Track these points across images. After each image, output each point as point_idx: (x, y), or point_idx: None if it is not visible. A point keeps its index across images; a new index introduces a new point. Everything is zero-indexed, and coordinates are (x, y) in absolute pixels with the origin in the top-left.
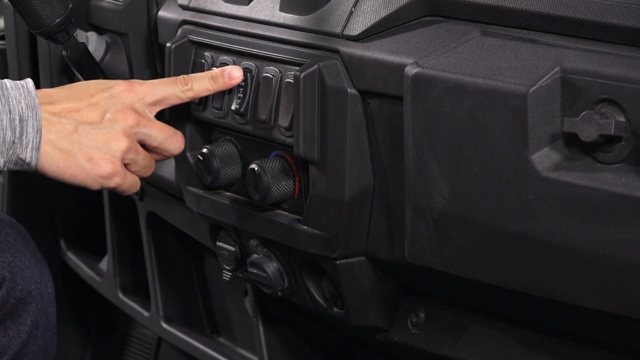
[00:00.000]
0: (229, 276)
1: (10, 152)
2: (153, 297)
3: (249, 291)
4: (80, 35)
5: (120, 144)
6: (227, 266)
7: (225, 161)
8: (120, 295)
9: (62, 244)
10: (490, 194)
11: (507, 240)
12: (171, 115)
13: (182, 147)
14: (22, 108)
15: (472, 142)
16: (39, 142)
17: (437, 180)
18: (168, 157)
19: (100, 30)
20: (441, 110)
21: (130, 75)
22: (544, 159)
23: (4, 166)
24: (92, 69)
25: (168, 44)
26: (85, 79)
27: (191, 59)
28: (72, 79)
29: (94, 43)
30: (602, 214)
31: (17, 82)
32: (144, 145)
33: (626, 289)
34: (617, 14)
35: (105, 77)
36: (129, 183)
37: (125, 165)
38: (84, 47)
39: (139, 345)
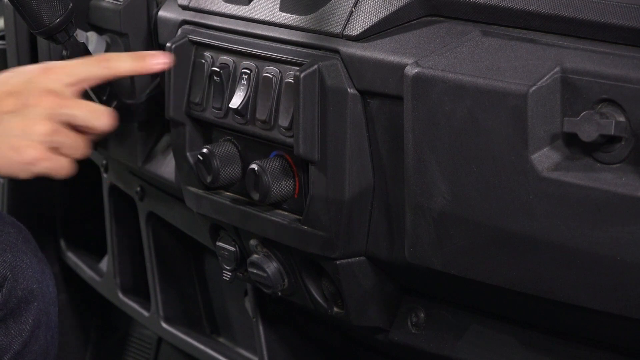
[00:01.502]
0: (229, 276)
1: None
2: (153, 297)
3: (249, 291)
4: (80, 35)
5: (41, 128)
6: (227, 266)
7: (225, 161)
8: (120, 295)
9: (62, 244)
10: (490, 194)
11: (507, 240)
12: (171, 114)
13: (110, 122)
14: None
15: (472, 142)
16: None
17: (437, 180)
18: (100, 135)
19: (100, 30)
20: (441, 110)
21: (131, 75)
22: (544, 159)
23: None
24: None
25: (168, 44)
26: None
27: (191, 59)
28: None
29: (94, 43)
30: (602, 214)
31: None
32: (72, 127)
33: (626, 289)
34: (617, 14)
35: None
36: (61, 165)
37: (55, 149)
38: (84, 47)
39: (139, 345)
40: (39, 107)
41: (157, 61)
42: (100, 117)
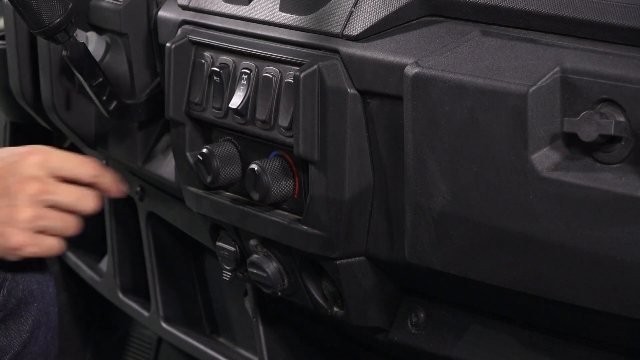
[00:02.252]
0: (229, 276)
1: None
2: (153, 297)
3: (249, 291)
4: (80, 35)
5: (25, 214)
6: (227, 266)
7: (225, 161)
8: (120, 295)
9: None
10: (490, 194)
11: (507, 240)
12: (171, 114)
13: (96, 205)
14: None
15: (472, 142)
16: None
17: (437, 180)
18: (89, 215)
19: (100, 30)
20: (441, 110)
21: (130, 75)
22: (544, 159)
23: None
24: (91, 69)
25: (168, 44)
26: (85, 79)
27: (191, 59)
28: (72, 79)
29: (94, 43)
30: (602, 214)
31: None
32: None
33: (626, 289)
34: (617, 14)
35: (105, 77)
36: (48, 247)
37: (42, 232)
38: (84, 47)
39: (139, 345)
40: (22, 194)
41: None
42: (85, 201)
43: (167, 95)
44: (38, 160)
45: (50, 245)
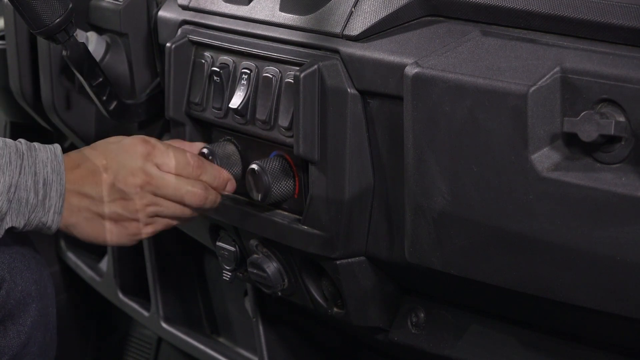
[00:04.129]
0: (229, 276)
1: (32, 216)
2: (153, 297)
3: (249, 291)
4: (80, 35)
5: (134, 205)
6: (227, 266)
7: (226, 161)
8: (120, 295)
9: (62, 244)
10: (490, 194)
11: (507, 240)
12: (171, 114)
13: (201, 201)
14: (47, 172)
15: (472, 142)
16: (62, 206)
17: (437, 180)
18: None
19: (100, 30)
20: (441, 110)
21: (130, 75)
22: (544, 159)
23: (23, 228)
24: (91, 69)
25: (168, 44)
26: (85, 79)
27: (191, 59)
28: (72, 79)
29: (94, 43)
30: (602, 214)
31: (46, 145)
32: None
33: (626, 289)
34: (617, 14)
35: (105, 77)
36: (164, 225)
37: (155, 216)
38: (84, 47)
39: (139, 345)
40: (130, 185)
41: (228, 190)
42: (190, 197)
43: (167, 95)
44: (143, 152)
45: (166, 223)
